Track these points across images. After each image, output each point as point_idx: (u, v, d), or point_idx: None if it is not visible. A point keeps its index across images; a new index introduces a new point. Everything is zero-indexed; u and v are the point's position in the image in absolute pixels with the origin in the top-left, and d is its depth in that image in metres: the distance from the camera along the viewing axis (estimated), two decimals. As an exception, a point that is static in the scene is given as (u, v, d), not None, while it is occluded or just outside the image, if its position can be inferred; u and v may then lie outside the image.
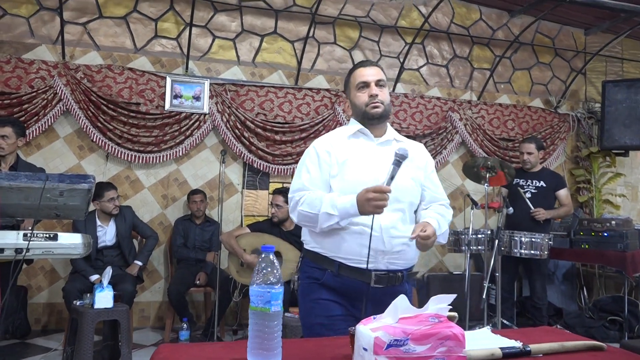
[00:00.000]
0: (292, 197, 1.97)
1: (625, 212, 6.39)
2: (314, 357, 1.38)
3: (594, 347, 1.51)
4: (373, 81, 2.00)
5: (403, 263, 1.93)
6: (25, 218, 3.63)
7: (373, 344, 1.17)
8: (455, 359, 1.22)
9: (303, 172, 1.99)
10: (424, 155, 2.12)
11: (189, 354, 1.41)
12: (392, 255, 1.89)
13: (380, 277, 1.88)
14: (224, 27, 5.39)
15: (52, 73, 4.76)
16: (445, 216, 2.01)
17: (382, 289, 1.88)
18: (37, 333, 4.63)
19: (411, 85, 5.97)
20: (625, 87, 5.98)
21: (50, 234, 3.05)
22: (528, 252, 4.30)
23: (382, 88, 2.02)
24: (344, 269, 1.89)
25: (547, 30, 6.45)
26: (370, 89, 1.99)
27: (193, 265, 4.70)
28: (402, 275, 1.94)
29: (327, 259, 1.92)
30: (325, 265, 1.93)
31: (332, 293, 1.93)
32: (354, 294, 1.91)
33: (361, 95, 2.01)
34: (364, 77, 2.01)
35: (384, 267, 1.88)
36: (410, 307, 1.22)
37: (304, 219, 1.92)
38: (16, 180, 2.85)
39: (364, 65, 2.06)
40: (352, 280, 1.88)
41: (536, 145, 4.81)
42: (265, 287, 1.31)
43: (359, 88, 2.02)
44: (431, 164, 2.13)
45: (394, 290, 1.84)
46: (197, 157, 5.23)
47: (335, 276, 1.91)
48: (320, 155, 1.98)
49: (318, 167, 1.97)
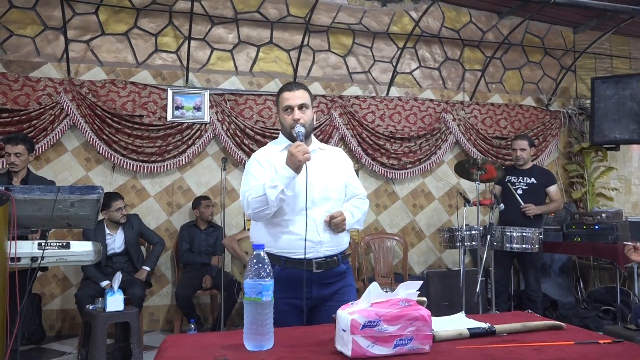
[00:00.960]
0: (242, 199, 2.24)
1: (619, 204, 6.54)
2: (303, 342, 1.56)
3: (555, 326, 1.69)
4: (296, 105, 2.26)
5: (336, 248, 2.28)
6: (39, 228, 3.84)
7: (350, 325, 1.35)
8: (423, 337, 1.40)
9: (250, 179, 2.27)
10: (345, 159, 2.48)
11: (191, 342, 1.60)
12: (326, 244, 2.23)
13: (320, 263, 2.21)
14: (221, 39, 5.60)
15: (59, 89, 4.97)
16: (360, 207, 2.39)
17: (323, 273, 2.22)
18: (52, 339, 4.83)
19: (405, 88, 6.15)
20: (613, 83, 6.14)
21: (62, 242, 3.25)
22: (520, 246, 4.47)
23: (306, 110, 2.29)
24: (289, 262, 2.20)
25: (536, 30, 6.62)
26: (293, 112, 2.26)
27: (199, 269, 4.89)
28: (338, 258, 2.29)
29: (274, 255, 2.20)
30: (274, 262, 2.16)
31: (280, 287, 1.97)
32: (298, 282, 2.17)
33: (287, 118, 2.28)
34: (288, 101, 2.28)
35: (322, 254, 2.22)
36: (382, 293, 1.41)
37: (257, 205, 2.15)
38: (30, 194, 3.04)
39: (290, 89, 2.30)
40: (298, 270, 2.18)
41: (528, 142, 4.98)
42: (257, 280, 1.50)
43: (285, 110, 2.29)
44: (350, 165, 2.50)
45: (332, 272, 2.26)
46: (200, 165, 5.44)
47: (282, 270, 2.19)
48: (261, 163, 2.29)
49: (262, 172, 2.26)
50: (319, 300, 2.22)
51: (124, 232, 4.61)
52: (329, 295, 2.23)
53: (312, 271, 2.19)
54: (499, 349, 1.45)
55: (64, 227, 3.74)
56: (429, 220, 6.12)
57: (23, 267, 3.11)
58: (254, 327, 1.49)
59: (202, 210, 5.01)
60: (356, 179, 2.49)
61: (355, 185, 2.45)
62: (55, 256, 3.25)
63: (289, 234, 2.20)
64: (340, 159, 2.44)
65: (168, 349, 1.50)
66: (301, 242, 2.14)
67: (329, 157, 2.39)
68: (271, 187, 2.10)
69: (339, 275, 2.29)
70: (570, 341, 1.52)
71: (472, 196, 5.05)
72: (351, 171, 2.47)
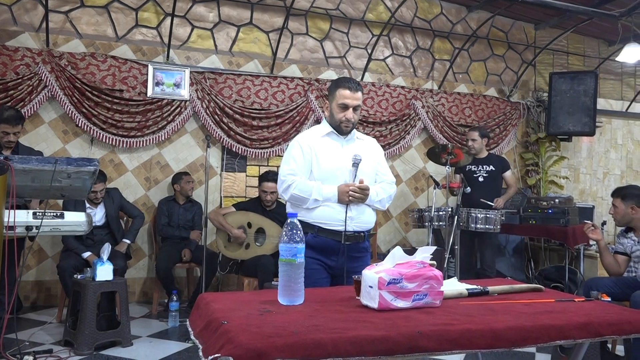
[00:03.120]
0: (284, 180, 2.54)
1: (568, 191, 7.07)
2: (329, 299, 1.79)
3: (535, 288, 1.99)
4: (352, 106, 2.52)
5: (365, 226, 2.58)
6: (33, 198, 3.89)
7: (377, 282, 1.59)
8: (435, 292, 1.66)
9: (291, 161, 2.56)
10: (377, 148, 2.76)
11: (228, 299, 1.80)
12: (357, 220, 2.52)
13: (349, 236, 2.51)
14: (202, 18, 5.65)
15: (37, 60, 4.92)
16: (386, 189, 2.65)
17: (349, 245, 2.52)
18: (28, 309, 4.86)
19: (378, 74, 6.40)
20: (569, 79, 6.61)
21: (57, 212, 3.33)
22: (483, 227, 4.84)
23: (357, 111, 2.56)
24: (322, 231, 2.51)
25: (501, 24, 6.99)
26: (347, 112, 2.52)
27: (178, 243, 5.02)
28: (364, 234, 2.59)
29: (309, 224, 2.50)
30: (307, 229, 2.43)
31: (311, 251, 2.40)
32: (329, 250, 2.51)
33: (340, 113, 2.54)
34: (347, 100, 2.52)
35: (351, 229, 2.51)
36: (404, 255, 1.65)
37: (295, 200, 2.51)
38: (28, 164, 3.11)
39: (350, 89, 2.53)
40: (328, 239, 2.50)
41: (479, 133, 5.37)
42: (292, 244, 1.71)
43: (339, 105, 2.53)
44: (381, 153, 2.78)
45: (358, 246, 2.57)
46: (179, 142, 5.52)
47: (315, 237, 2.49)
48: (303, 148, 2.56)
49: (302, 157, 2.55)
50: (342, 271, 2.50)
51: (105, 206, 4.68)
52: (352, 267, 2.47)
53: (341, 242, 2.48)
54: (497, 304, 1.72)
55: (58, 198, 3.80)
56: (396, 202, 6.43)
57: (19, 235, 3.18)
58: (288, 284, 1.70)
59: (182, 185, 5.12)
60: (386, 166, 2.77)
61: (384, 172, 2.72)
62: (50, 226, 3.32)
63: (325, 206, 2.49)
64: (373, 149, 2.72)
65: (210, 303, 1.69)
66: (335, 214, 2.48)
67: (365, 146, 2.67)
68: (315, 200, 2.47)
69: (362, 250, 2.60)
70: (552, 299, 1.82)
71: (438, 179, 5.39)
72: (382, 159, 2.75)
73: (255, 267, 4.39)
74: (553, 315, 1.58)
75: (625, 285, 3.67)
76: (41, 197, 3.67)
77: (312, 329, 1.36)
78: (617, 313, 1.66)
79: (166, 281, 4.76)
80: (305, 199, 2.47)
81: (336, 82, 2.61)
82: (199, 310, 1.72)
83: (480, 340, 1.41)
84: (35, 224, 3.21)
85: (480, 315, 1.57)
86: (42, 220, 3.17)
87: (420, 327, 1.41)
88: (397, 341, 1.34)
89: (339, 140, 2.60)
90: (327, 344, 1.28)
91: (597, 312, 1.65)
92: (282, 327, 1.38)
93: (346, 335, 1.32)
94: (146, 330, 4.27)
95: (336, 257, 2.51)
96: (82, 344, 3.59)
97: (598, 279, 4.04)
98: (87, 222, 3.43)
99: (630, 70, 7.65)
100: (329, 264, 2.53)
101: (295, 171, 2.53)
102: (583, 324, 1.53)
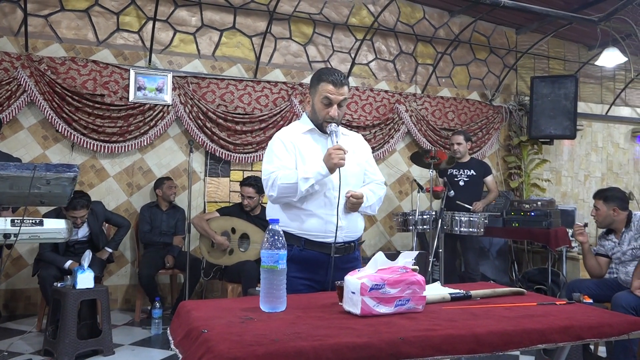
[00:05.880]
0: (267, 179, 2.24)
1: (550, 194, 7.15)
2: (311, 305, 1.77)
3: (517, 292, 1.99)
4: (336, 102, 2.24)
5: (355, 234, 2.34)
6: (11, 205, 3.81)
7: (360, 288, 1.58)
8: (418, 297, 1.65)
9: (274, 159, 2.28)
10: (364, 145, 2.50)
11: (209, 306, 1.77)
12: (347, 229, 2.28)
13: (338, 248, 2.25)
14: (184, 22, 5.62)
15: (16, 65, 4.85)
16: (375, 191, 2.42)
17: (339, 257, 2.26)
18: (6, 318, 4.76)
19: (361, 79, 6.41)
20: (550, 83, 6.69)
21: (36, 220, 3.26)
22: (467, 230, 4.86)
23: (342, 107, 2.29)
24: (309, 243, 2.23)
25: (483, 29, 7.06)
26: (331, 109, 2.24)
27: (161, 249, 4.96)
28: (354, 244, 2.35)
29: (294, 236, 2.23)
30: (292, 242, 2.21)
31: (297, 268, 2.21)
32: (317, 264, 2.25)
33: (323, 109, 2.26)
34: (331, 95, 2.23)
35: (341, 239, 2.25)
36: (386, 261, 1.64)
37: (284, 191, 2.19)
38: (6, 170, 3.04)
39: (335, 83, 2.23)
40: (316, 253, 2.24)
41: (464, 137, 5.41)
42: (274, 250, 1.69)
43: (322, 100, 2.25)
44: (369, 150, 2.52)
45: (348, 258, 2.30)
46: (161, 147, 5.47)
47: (302, 250, 2.23)
48: (285, 144, 2.29)
49: (286, 153, 2.27)
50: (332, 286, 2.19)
51: (89, 224, 4.50)
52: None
53: (330, 255, 2.22)
54: (478, 309, 1.72)
55: (37, 205, 3.72)
56: (381, 205, 6.42)
57: (-3, 243, 3.11)
58: (270, 292, 1.68)
59: (165, 190, 5.07)
60: (374, 165, 2.51)
61: (373, 171, 2.47)
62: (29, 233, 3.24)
63: (311, 216, 2.22)
64: (360, 145, 2.45)
65: (191, 311, 1.66)
66: (323, 225, 2.22)
67: (350, 142, 2.37)
68: (304, 179, 2.15)
69: (353, 260, 2.33)
70: (533, 302, 1.82)
71: (422, 183, 5.41)
72: (370, 157, 2.49)
73: (239, 273, 4.36)
74: (535, 319, 1.59)
75: (607, 286, 3.71)
76: (19, 204, 3.59)
77: (294, 337, 1.34)
78: (597, 316, 1.67)
79: (149, 288, 4.70)
80: (294, 185, 2.15)
81: (319, 73, 2.28)
82: (180, 319, 1.69)
83: (462, 346, 1.41)
84: (13, 232, 3.14)
85: (463, 320, 1.57)
86: (20, 228, 3.10)
87: (403, 333, 1.40)
88: (379, 348, 1.33)
89: (322, 138, 2.32)
90: (309, 352, 1.26)
91: (578, 316, 1.66)
92: (263, 335, 1.36)
93: (327, 343, 1.31)
94: (128, 339, 4.21)
95: (325, 272, 2.24)
96: (63, 353, 3.52)
97: (580, 280, 4.08)
98: (67, 229, 3.35)
99: (609, 74, 7.78)
100: (317, 279, 2.27)
101: (280, 168, 2.25)
102: (564, 327, 1.54)
